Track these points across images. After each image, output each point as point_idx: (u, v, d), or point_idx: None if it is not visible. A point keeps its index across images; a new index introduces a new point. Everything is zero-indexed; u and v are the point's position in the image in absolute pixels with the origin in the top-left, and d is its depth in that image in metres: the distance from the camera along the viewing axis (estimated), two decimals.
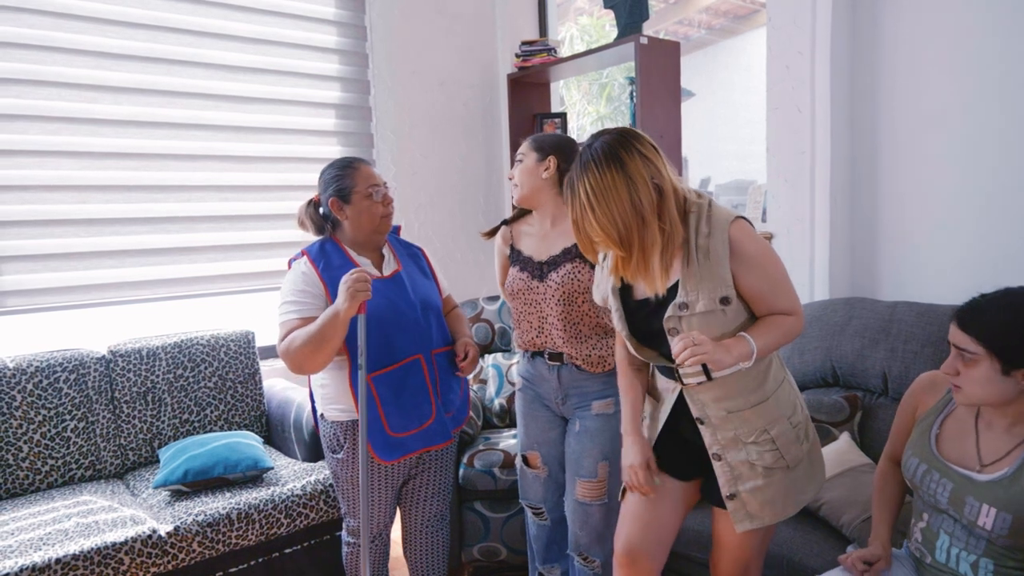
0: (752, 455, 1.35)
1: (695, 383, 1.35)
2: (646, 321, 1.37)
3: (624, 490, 1.50)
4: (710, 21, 7.25)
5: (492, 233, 1.90)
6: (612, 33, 2.96)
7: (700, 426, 1.38)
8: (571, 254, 1.72)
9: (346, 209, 1.73)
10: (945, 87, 2.01)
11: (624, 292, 1.41)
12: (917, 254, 2.10)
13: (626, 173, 1.22)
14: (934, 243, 2.07)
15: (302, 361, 1.61)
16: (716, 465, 1.38)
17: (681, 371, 1.34)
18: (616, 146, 1.25)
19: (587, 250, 1.30)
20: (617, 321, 1.41)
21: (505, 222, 1.90)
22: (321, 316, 1.59)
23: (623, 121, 3.93)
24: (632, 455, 1.45)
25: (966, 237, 2.01)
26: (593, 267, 1.66)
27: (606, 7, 2.98)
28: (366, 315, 1.63)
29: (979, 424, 1.28)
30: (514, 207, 1.88)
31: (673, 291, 1.31)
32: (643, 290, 1.36)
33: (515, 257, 1.84)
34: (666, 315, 1.31)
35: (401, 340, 1.72)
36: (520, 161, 1.79)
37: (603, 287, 1.45)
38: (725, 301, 1.28)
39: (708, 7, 6.97)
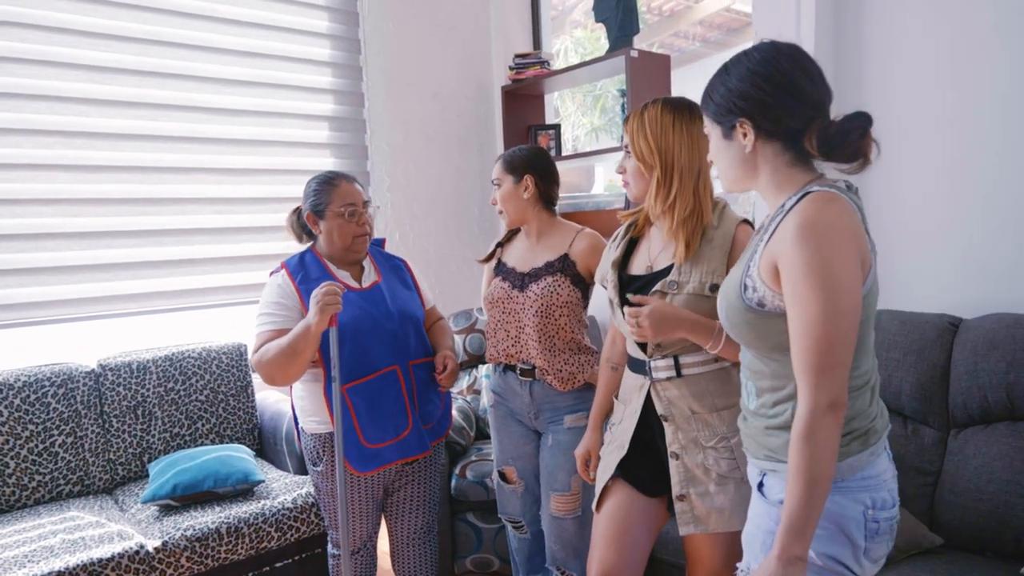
0: (709, 460, 1.36)
1: (664, 378, 1.39)
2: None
3: (598, 502, 1.51)
4: (704, 34, 7.28)
5: (490, 258, 1.93)
6: (606, 46, 2.98)
7: (664, 423, 1.40)
8: (553, 268, 1.75)
9: (320, 224, 1.75)
10: (929, 99, 2.02)
11: (621, 269, 1.50)
12: (901, 263, 2.09)
13: (695, 128, 1.37)
14: (918, 252, 2.07)
15: (274, 373, 1.62)
16: (672, 464, 1.39)
17: (652, 363, 1.39)
18: (698, 112, 1.40)
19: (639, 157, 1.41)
20: (611, 290, 1.48)
21: (499, 245, 1.93)
22: (293, 329, 1.60)
23: (616, 132, 3.96)
24: (580, 445, 1.65)
25: (950, 246, 2.01)
26: (573, 283, 1.74)
27: (598, 21, 3.00)
28: (340, 327, 1.63)
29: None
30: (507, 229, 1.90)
31: (666, 271, 1.38)
32: (640, 263, 1.46)
33: (499, 268, 1.87)
34: (653, 288, 1.36)
35: (377, 351, 1.72)
36: (498, 186, 1.82)
37: (605, 265, 1.52)
38: (714, 289, 1.31)
39: (703, 20, 7.01)
